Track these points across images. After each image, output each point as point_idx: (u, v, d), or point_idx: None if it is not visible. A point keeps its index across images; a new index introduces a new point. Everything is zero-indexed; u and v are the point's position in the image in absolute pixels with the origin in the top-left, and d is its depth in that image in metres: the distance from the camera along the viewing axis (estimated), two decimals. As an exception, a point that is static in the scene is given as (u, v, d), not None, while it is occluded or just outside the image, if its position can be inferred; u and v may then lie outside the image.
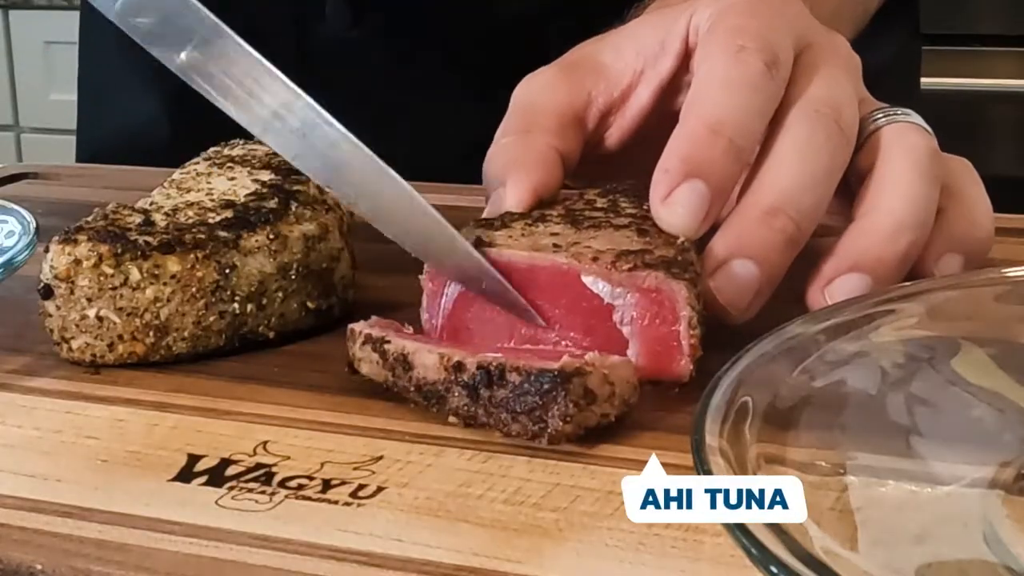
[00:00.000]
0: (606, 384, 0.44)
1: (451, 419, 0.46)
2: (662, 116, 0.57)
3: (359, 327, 0.50)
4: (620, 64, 0.57)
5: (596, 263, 0.49)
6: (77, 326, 0.53)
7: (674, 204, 0.50)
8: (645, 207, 0.53)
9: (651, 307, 0.48)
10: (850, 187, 0.54)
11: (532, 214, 0.54)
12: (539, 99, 0.58)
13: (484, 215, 0.56)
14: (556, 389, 0.44)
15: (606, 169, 0.59)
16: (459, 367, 0.46)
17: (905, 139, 0.53)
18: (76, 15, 0.99)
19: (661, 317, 0.48)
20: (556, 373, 0.44)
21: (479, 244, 0.51)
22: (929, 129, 0.54)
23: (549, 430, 0.44)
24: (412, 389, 0.47)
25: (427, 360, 0.47)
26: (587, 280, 0.49)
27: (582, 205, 0.55)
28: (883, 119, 0.54)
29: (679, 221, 0.50)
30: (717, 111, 0.51)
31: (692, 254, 0.50)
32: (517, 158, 0.55)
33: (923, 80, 1.04)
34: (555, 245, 0.51)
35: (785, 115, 0.52)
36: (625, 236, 0.51)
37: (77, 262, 0.52)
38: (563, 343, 0.50)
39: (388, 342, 0.48)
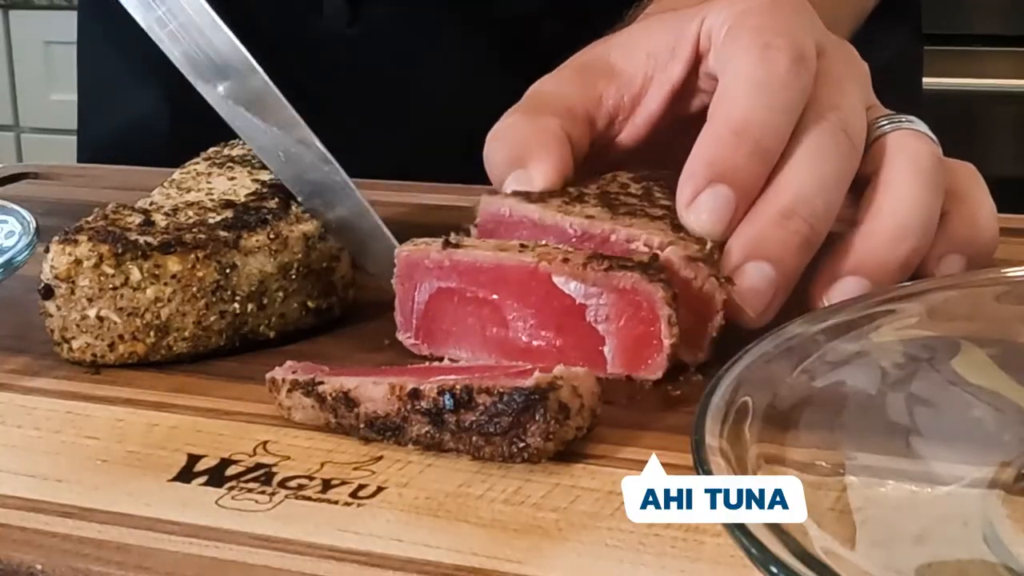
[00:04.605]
0: (576, 397, 0.43)
1: (411, 447, 0.45)
2: (673, 120, 0.57)
3: (280, 374, 0.48)
4: (631, 67, 0.57)
5: (567, 264, 0.49)
6: (77, 326, 0.52)
7: (698, 209, 0.51)
8: None
9: (628, 307, 0.48)
10: (855, 192, 0.54)
11: (570, 191, 0.54)
12: (550, 92, 0.57)
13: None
14: (533, 407, 0.42)
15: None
16: (415, 394, 0.44)
17: (909, 146, 0.53)
18: (76, 15, 0.99)
19: (639, 317, 0.48)
20: (532, 390, 0.42)
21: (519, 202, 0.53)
22: (934, 137, 0.55)
23: (530, 449, 0.43)
24: (362, 426, 0.45)
25: (374, 393, 0.45)
26: (558, 280, 0.49)
27: (616, 188, 0.55)
28: (888, 126, 0.54)
29: (703, 226, 0.50)
30: (743, 113, 0.51)
31: (715, 253, 0.50)
32: (530, 136, 0.55)
33: (923, 80, 1.04)
34: (555, 249, 0.50)
35: (798, 120, 0.53)
36: (659, 228, 0.51)
37: (77, 262, 0.52)
38: (534, 343, 0.50)
39: (321, 383, 0.46)
